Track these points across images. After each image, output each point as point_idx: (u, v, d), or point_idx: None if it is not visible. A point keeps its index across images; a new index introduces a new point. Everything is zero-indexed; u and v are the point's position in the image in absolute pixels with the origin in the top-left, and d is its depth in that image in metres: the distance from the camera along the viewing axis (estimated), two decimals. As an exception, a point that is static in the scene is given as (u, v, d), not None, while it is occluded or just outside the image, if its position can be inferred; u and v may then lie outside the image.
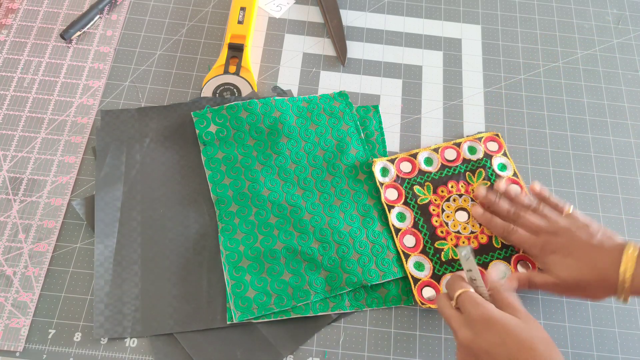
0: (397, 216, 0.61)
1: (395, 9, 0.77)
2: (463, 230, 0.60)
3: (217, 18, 0.74)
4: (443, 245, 0.60)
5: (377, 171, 0.63)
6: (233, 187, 0.61)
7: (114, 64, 0.70)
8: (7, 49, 0.70)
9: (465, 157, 0.65)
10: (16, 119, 0.65)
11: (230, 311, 0.55)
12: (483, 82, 0.72)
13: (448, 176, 0.63)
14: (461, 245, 0.59)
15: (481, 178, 0.63)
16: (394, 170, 0.63)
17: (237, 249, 0.58)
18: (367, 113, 0.68)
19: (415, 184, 0.63)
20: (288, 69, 0.71)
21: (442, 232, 0.60)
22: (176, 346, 0.54)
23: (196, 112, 0.63)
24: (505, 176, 0.64)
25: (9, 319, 0.55)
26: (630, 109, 0.71)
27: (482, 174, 0.63)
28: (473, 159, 0.64)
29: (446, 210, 0.62)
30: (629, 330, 0.58)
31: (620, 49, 0.75)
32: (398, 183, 0.63)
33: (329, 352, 0.56)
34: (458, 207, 0.62)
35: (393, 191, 0.62)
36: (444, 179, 0.63)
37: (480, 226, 0.61)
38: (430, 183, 0.63)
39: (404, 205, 0.62)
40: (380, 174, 0.63)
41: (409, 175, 0.63)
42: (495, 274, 0.57)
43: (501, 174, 0.64)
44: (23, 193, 0.61)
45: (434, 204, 0.62)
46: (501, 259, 0.59)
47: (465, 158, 0.65)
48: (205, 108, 0.64)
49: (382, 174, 0.63)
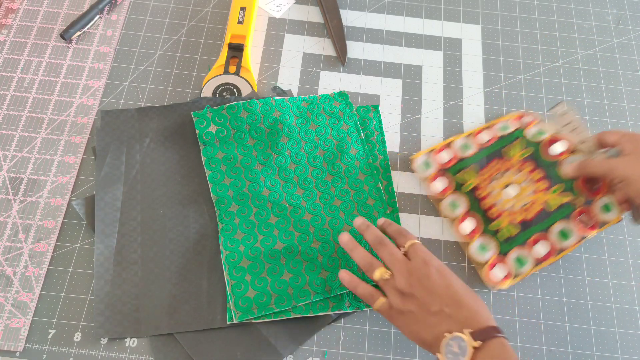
0: (450, 205, 0.62)
1: (395, 9, 0.77)
2: (515, 206, 0.60)
3: (217, 18, 0.74)
4: (498, 225, 0.60)
5: (419, 166, 0.64)
6: (233, 187, 0.61)
7: (114, 64, 0.70)
8: (7, 49, 0.70)
9: (499, 135, 0.65)
10: (16, 119, 0.65)
11: (230, 311, 0.55)
12: (483, 82, 0.72)
13: (487, 156, 0.64)
14: (556, 107, 0.61)
15: (521, 148, 0.63)
16: (435, 162, 0.64)
17: (237, 249, 0.58)
18: (367, 113, 0.68)
19: (458, 171, 0.63)
20: (288, 69, 0.71)
21: (493, 214, 0.60)
22: (176, 346, 0.54)
23: (196, 112, 0.63)
24: (544, 138, 0.63)
25: (9, 319, 0.55)
26: (630, 109, 0.71)
27: (518, 146, 0.63)
28: (506, 134, 0.65)
29: (494, 190, 0.61)
30: (629, 330, 0.58)
31: (620, 49, 0.75)
32: (441, 174, 0.63)
33: (329, 352, 0.56)
34: (505, 184, 0.62)
35: (441, 182, 0.63)
36: (484, 160, 0.63)
37: (532, 194, 0.60)
38: (472, 167, 0.63)
39: (453, 193, 0.62)
40: (422, 168, 0.64)
41: (449, 164, 0.64)
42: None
43: (539, 138, 0.63)
44: (23, 193, 0.61)
45: (481, 187, 0.62)
46: (561, 220, 0.59)
47: (499, 136, 0.65)
48: (205, 108, 0.64)
49: (425, 167, 0.64)
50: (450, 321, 0.46)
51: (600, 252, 0.62)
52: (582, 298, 0.59)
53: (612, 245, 0.62)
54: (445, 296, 0.47)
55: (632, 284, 0.60)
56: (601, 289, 0.60)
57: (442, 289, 0.48)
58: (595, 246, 0.62)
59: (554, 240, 0.59)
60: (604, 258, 0.62)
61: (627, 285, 0.60)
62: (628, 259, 0.62)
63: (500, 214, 0.60)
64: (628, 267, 0.61)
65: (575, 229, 0.59)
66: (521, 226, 0.59)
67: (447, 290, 0.48)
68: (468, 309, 0.47)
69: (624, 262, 0.61)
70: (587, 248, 0.62)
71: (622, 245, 0.62)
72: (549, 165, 0.61)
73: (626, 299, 0.60)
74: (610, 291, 0.60)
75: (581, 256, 0.62)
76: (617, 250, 0.62)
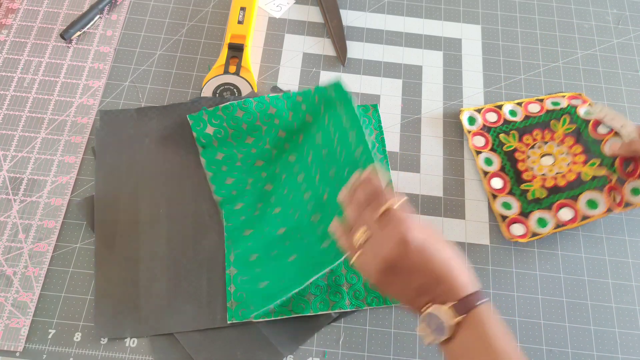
0: (485, 161, 0.64)
1: (395, 9, 0.77)
2: (549, 172, 0.63)
3: (217, 18, 0.74)
4: (529, 187, 0.62)
5: (464, 119, 0.66)
6: (236, 186, 0.61)
7: (114, 64, 0.70)
8: (7, 49, 0.70)
9: (549, 109, 0.67)
10: (16, 119, 0.65)
11: (230, 311, 0.55)
12: (483, 82, 0.72)
13: (532, 125, 0.66)
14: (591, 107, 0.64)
15: (566, 124, 0.65)
16: (481, 119, 0.67)
17: (242, 247, 0.58)
18: (366, 112, 0.68)
19: (501, 132, 0.66)
20: (288, 69, 0.71)
21: (527, 176, 0.63)
22: (176, 346, 0.54)
23: (192, 115, 0.63)
24: (592, 118, 0.64)
25: (9, 319, 0.55)
26: (630, 109, 0.71)
27: (566, 120, 0.65)
28: (557, 109, 0.66)
29: (532, 156, 0.64)
30: (629, 330, 0.58)
31: (620, 49, 0.75)
32: (485, 131, 0.66)
33: (329, 352, 0.56)
34: (543, 154, 0.64)
35: (480, 138, 0.66)
36: (528, 127, 0.66)
37: (568, 165, 0.62)
38: (515, 131, 0.66)
39: (491, 151, 0.65)
40: (467, 123, 0.67)
41: (494, 124, 0.67)
42: None
43: (587, 118, 0.64)
44: (23, 193, 0.61)
45: (520, 151, 0.65)
46: (592, 190, 0.60)
47: (548, 110, 0.67)
48: (201, 110, 0.64)
49: (469, 123, 0.67)
50: (430, 295, 0.45)
51: (600, 252, 0.62)
52: (582, 298, 0.59)
53: (612, 245, 0.62)
54: (424, 273, 0.45)
55: (632, 284, 0.60)
56: (601, 289, 0.60)
57: (421, 266, 0.45)
58: (596, 246, 0.62)
59: (580, 207, 0.60)
60: (604, 258, 0.62)
61: (627, 285, 0.60)
62: (628, 259, 0.62)
63: (534, 176, 0.63)
64: (628, 267, 0.61)
65: (604, 201, 0.60)
66: (550, 191, 0.61)
67: (426, 266, 0.45)
68: (449, 281, 0.44)
69: (624, 262, 0.61)
70: (587, 248, 0.62)
71: (622, 245, 0.62)
72: (592, 142, 0.63)
73: (626, 299, 0.60)
74: (610, 291, 0.60)
75: (581, 256, 0.62)
76: (617, 250, 0.62)
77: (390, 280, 0.46)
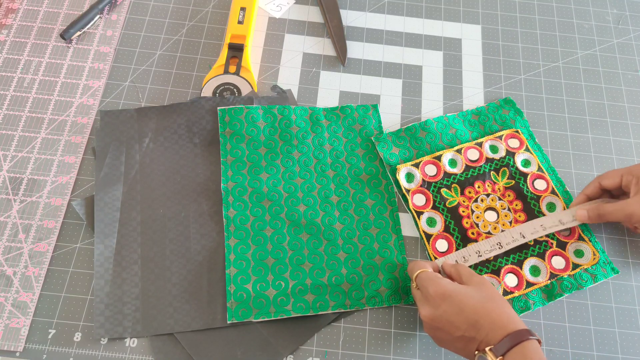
0: (427, 221, 0.61)
1: (395, 9, 0.77)
2: (494, 231, 0.61)
3: (217, 18, 0.74)
4: None
5: (402, 177, 0.63)
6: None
7: (114, 64, 0.70)
8: (7, 49, 0.70)
9: (488, 157, 0.65)
10: (16, 119, 0.65)
11: (230, 311, 0.55)
12: (483, 82, 0.72)
13: (474, 176, 0.63)
14: None
15: (506, 177, 0.64)
16: (419, 174, 0.63)
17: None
18: (366, 112, 0.68)
19: (442, 186, 0.63)
20: (288, 69, 0.71)
21: (473, 234, 0.60)
22: (176, 346, 0.54)
23: (376, 137, 0.65)
24: (530, 172, 0.64)
25: (9, 319, 0.55)
26: (630, 109, 0.71)
27: (506, 173, 0.64)
28: (496, 158, 0.65)
29: (475, 210, 0.62)
30: (629, 330, 0.58)
31: (620, 49, 0.75)
32: (425, 187, 0.63)
33: (329, 352, 0.56)
34: (487, 207, 0.62)
35: (421, 196, 0.62)
36: (470, 179, 0.63)
37: (511, 224, 0.61)
38: (457, 185, 0.63)
39: (433, 209, 0.62)
40: (405, 180, 0.63)
41: (434, 178, 0.63)
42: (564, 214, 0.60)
43: (525, 171, 0.64)
44: (23, 193, 0.61)
45: (463, 206, 0.62)
46: (535, 256, 0.59)
47: (488, 157, 0.65)
48: (384, 133, 0.66)
49: (407, 180, 0.63)
50: (475, 342, 0.47)
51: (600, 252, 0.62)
52: (582, 298, 0.59)
53: (612, 245, 0.62)
54: (461, 323, 0.48)
55: (632, 284, 0.60)
56: (601, 289, 0.60)
57: (457, 317, 0.48)
58: (595, 246, 0.62)
59: (525, 274, 0.59)
60: (604, 258, 0.62)
61: (627, 285, 0.60)
62: (628, 259, 0.62)
63: (479, 234, 0.60)
64: (628, 267, 0.61)
65: (547, 268, 0.59)
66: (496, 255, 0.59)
67: (461, 316, 0.48)
68: (484, 327, 0.47)
69: (624, 262, 0.61)
70: (587, 248, 0.62)
71: (623, 245, 0.62)
72: (531, 197, 0.62)
73: (626, 299, 0.60)
74: (610, 291, 0.60)
75: (581, 256, 0.62)
76: (618, 250, 0.62)
77: (438, 336, 0.50)
